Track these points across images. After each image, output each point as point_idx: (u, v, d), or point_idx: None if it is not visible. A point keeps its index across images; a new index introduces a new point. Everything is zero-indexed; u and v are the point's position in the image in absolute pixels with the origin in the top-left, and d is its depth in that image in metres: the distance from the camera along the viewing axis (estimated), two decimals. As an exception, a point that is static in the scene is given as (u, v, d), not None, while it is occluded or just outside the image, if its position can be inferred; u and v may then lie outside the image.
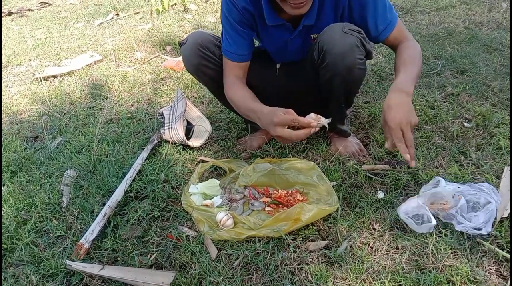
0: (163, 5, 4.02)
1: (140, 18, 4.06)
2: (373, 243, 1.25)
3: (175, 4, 4.23)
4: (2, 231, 1.39)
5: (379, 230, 1.30)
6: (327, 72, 1.41)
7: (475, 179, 1.47)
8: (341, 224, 1.32)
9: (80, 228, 1.38)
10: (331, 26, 1.37)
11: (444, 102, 2.01)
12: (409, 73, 1.30)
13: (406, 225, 1.29)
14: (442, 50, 2.58)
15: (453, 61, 2.42)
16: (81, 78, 2.71)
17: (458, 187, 1.37)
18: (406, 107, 1.21)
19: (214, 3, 4.25)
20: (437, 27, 3.01)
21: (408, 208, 1.29)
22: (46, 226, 1.41)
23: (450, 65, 2.39)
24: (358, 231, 1.30)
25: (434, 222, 1.25)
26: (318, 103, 1.59)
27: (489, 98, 1.99)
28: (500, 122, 1.77)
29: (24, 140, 2.01)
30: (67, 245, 1.33)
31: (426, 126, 1.82)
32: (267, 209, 1.41)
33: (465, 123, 1.82)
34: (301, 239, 1.29)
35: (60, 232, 1.37)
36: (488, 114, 1.83)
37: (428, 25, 3.07)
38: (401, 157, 1.61)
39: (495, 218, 1.25)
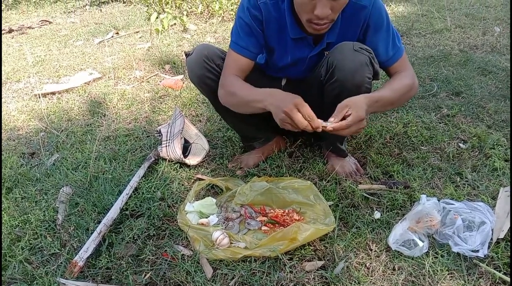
0: (163, 25, 4.07)
1: (140, 37, 4.10)
2: (370, 263, 1.24)
3: (175, 24, 4.29)
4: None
5: (375, 251, 1.29)
6: (335, 88, 1.43)
7: (471, 200, 1.47)
8: (337, 244, 1.32)
9: (75, 245, 1.37)
10: (342, 43, 1.40)
11: (440, 123, 2.03)
12: (383, 99, 1.35)
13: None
14: (437, 72, 2.62)
15: (449, 83, 2.45)
16: (79, 96, 2.72)
17: (438, 200, 1.38)
18: (364, 113, 1.26)
19: (213, 23, 4.31)
20: (433, 49, 3.05)
21: (396, 236, 1.29)
22: (40, 243, 1.39)
23: (445, 87, 2.42)
24: (355, 252, 1.29)
25: (421, 243, 1.25)
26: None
27: (484, 120, 2.01)
28: (495, 143, 1.79)
29: (21, 157, 2.01)
30: (61, 262, 1.31)
31: (422, 147, 1.83)
32: (264, 228, 1.41)
33: (461, 145, 1.83)
34: (297, 259, 1.28)
35: (54, 250, 1.36)
36: (484, 135, 1.84)
37: (424, 48, 3.12)
38: (398, 177, 1.63)
39: (491, 239, 1.25)
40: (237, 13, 1.49)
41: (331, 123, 1.26)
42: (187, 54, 1.62)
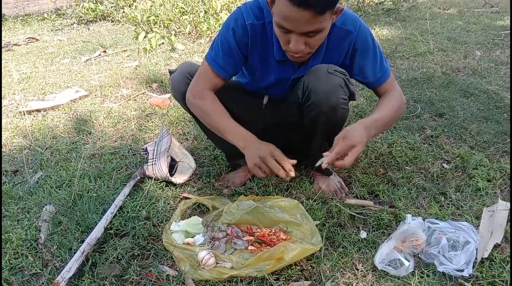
0: (150, 44, 4.09)
1: (128, 56, 4.11)
2: (356, 283, 1.24)
3: (163, 43, 4.32)
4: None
5: (362, 270, 1.29)
6: (312, 110, 1.44)
7: (455, 219, 1.49)
8: (324, 264, 1.31)
9: (57, 265, 1.34)
10: (317, 66, 1.42)
11: (424, 144, 2.06)
12: (379, 120, 1.39)
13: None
14: (421, 94, 2.68)
15: (432, 105, 2.50)
16: (65, 113, 2.70)
17: (423, 219, 1.39)
18: (363, 142, 1.29)
19: (201, 43, 4.35)
20: (416, 72, 3.12)
21: (382, 256, 1.29)
22: (21, 263, 1.36)
23: (429, 108, 2.47)
24: (341, 271, 1.29)
25: (407, 263, 1.26)
26: (302, 140, 1.62)
27: (467, 141, 2.05)
28: (478, 164, 1.82)
29: (3, 174, 1.97)
30: (42, 283, 1.28)
31: (407, 167, 1.85)
32: (250, 247, 1.40)
33: (445, 165, 1.86)
34: (284, 279, 1.27)
35: (36, 270, 1.33)
36: (467, 156, 1.88)
37: (408, 70, 3.19)
38: (383, 196, 1.64)
39: (476, 259, 1.27)
40: (222, 31, 1.48)
41: (325, 159, 1.30)
42: (171, 72, 1.64)
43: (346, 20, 1.41)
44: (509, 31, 4.07)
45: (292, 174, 1.37)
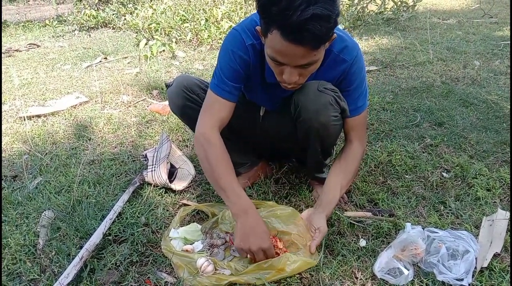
0: (151, 51, 4.11)
1: (128, 63, 4.13)
2: (355, 292, 1.24)
3: (164, 50, 4.34)
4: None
5: (361, 279, 1.28)
6: (303, 127, 1.45)
7: (455, 228, 1.49)
8: (323, 272, 1.31)
9: (56, 271, 1.33)
10: (307, 83, 1.39)
11: (423, 152, 2.07)
12: (337, 200, 1.51)
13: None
14: (420, 103, 2.68)
15: (431, 114, 2.51)
16: (65, 119, 2.70)
17: (423, 228, 1.39)
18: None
19: (201, 51, 4.37)
20: (416, 81, 3.13)
21: (381, 265, 1.29)
22: (19, 268, 1.35)
23: (428, 117, 2.48)
24: (341, 280, 1.29)
25: (406, 271, 1.25)
26: (298, 150, 1.62)
27: (466, 150, 2.06)
28: (477, 173, 1.82)
29: (3, 180, 1.97)
30: (40, 289, 1.27)
31: (406, 176, 1.86)
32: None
33: (444, 174, 1.86)
34: (282, 286, 1.27)
35: (34, 275, 1.32)
36: (466, 165, 1.88)
37: (407, 79, 3.20)
38: (383, 205, 1.64)
39: (475, 268, 1.26)
40: (221, 57, 1.44)
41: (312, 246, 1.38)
42: (167, 85, 1.64)
43: (345, 49, 1.38)
44: (508, 42, 4.10)
45: None
